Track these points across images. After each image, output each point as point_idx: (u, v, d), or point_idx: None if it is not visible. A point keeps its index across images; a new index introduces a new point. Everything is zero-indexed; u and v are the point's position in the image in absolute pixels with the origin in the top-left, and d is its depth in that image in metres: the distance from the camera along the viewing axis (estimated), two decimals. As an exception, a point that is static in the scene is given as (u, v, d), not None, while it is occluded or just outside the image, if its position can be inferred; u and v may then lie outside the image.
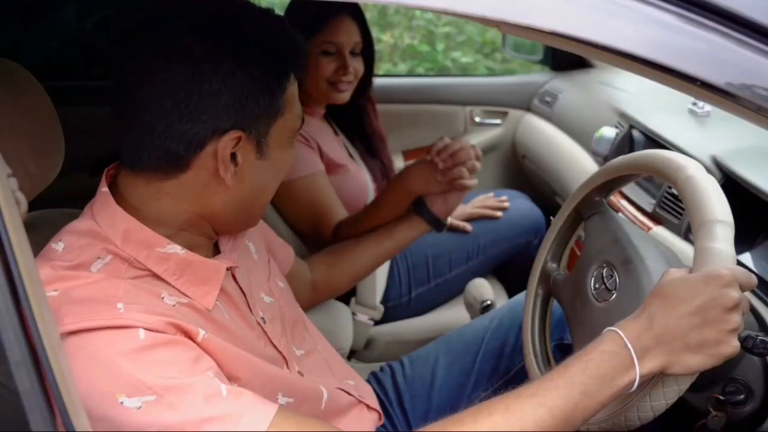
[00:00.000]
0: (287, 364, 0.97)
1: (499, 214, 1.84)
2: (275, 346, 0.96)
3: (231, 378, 0.80)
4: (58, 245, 0.81)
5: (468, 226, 1.81)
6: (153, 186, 0.82)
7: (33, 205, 0.87)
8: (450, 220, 1.74)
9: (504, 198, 1.92)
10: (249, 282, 0.96)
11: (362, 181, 1.71)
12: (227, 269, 0.89)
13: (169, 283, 0.82)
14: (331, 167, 1.62)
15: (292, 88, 0.86)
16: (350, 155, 1.75)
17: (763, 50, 0.67)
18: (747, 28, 0.67)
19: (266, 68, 0.81)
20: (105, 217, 0.82)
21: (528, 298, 1.13)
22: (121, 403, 0.69)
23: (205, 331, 0.78)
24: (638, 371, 0.74)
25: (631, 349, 0.75)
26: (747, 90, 0.68)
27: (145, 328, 0.73)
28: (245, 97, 0.79)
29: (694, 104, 1.63)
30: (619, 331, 0.76)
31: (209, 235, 0.89)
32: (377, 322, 1.68)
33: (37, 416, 0.56)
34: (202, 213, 0.84)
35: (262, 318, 0.95)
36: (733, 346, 0.75)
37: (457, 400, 1.21)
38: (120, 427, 0.70)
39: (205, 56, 0.77)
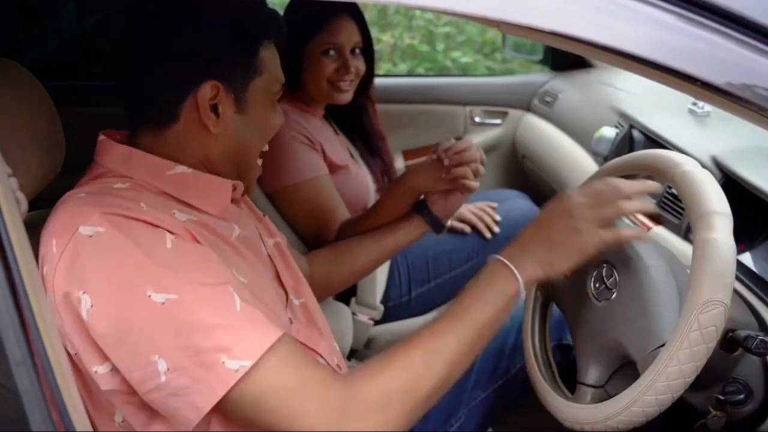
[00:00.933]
0: (287, 301, 1.02)
1: (488, 234, 1.80)
2: (281, 282, 1.03)
3: None
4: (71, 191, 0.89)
5: (467, 228, 1.80)
6: (158, 136, 0.92)
7: (33, 205, 0.87)
8: (450, 222, 1.74)
9: (496, 217, 1.86)
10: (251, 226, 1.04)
11: (363, 182, 1.71)
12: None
13: (179, 201, 0.90)
14: (333, 168, 1.62)
15: (267, 53, 0.95)
16: (351, 155, 1.75)
17: (763, 50, 0.67)
18: (747, 28, 0.67)
19: (240, 31, 0.92)
20: (110, 156, 0.91)
21: (527, 303, 1.13)
22: (149, 296, 0.76)
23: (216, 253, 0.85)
24: (519, 278, 0.89)
25: (508, 262, 0.91)
26: (747, 90, 0.68)
27: (169, 231, 0.81)
28: (221, 54, 0.91)
29: (694, 104, 1.63)
30: (496, 255, 0.93)
31: None
32: (377, 322, 1.68)
33: (37, 416, 0.56)
34: (201, 159, 0.94)
35: (268, 255, 1.03)
36: (593, 237, 0.90)
37: (456, 400, 1.21)
38: (144, 317, 0.76)
39: (183, 19, 0.89)
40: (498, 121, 2.47)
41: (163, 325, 0.76)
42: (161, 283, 0.77)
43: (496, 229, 1.81)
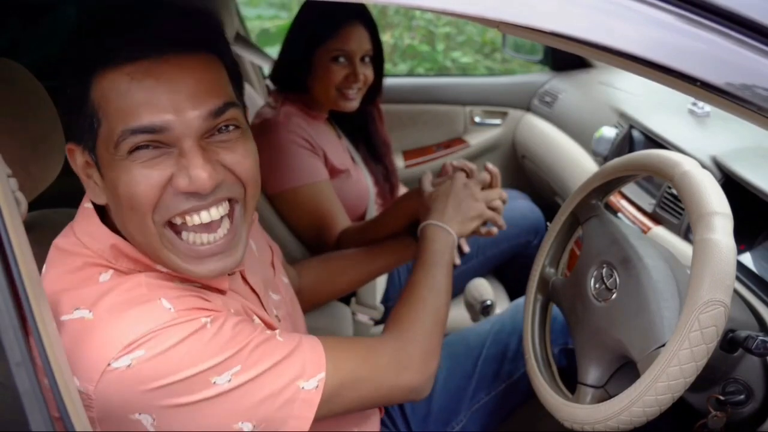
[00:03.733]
0: None
1: (494, 230, 1.78)
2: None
3: None
4: (43, 269, 0.80)
5: (466, 248, 1.75)
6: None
7: (33, 205, 0.87)
8: None
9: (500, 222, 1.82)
10: (258, 281, 0.96)
11: (363, 186, 1.71)
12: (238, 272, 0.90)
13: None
14: (334, 172, 1.62)
15: (101, 89, 0.72)
16: (352, 158, 1.75)
17: (763, 50, 0.67)
18: (747, 28, 0.67)
19: (70, 66, 0.75)
20: (88, 233, 0.80)
21: (527, 305, 1.13)
22: (214, 382, 0.74)
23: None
24: (452, 231, 1.14)
25: (440, 224, 1.14)
26: (747, 90, 0.68)
27: (202, 313, 0.76)
28: (64, 105, 0.76)
29: (694, 104, 1.63)
30: (427, 221, 1.15)
31: None
32: (377, 322, 1.68)
33: (37, 416, 0.56)
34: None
35: (276, 316, 0.97)
36: (479, 207, 1.19)
37: (458, 404, 1.21)
38: (216, 403, 0.74)
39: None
40: (498, 121, 2.47)
41: (236, 397, 0.76)
42: (219, 367, 0.74)
43: (495, 230, 1.78)
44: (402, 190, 1.92)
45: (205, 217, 0.76)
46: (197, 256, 0.77)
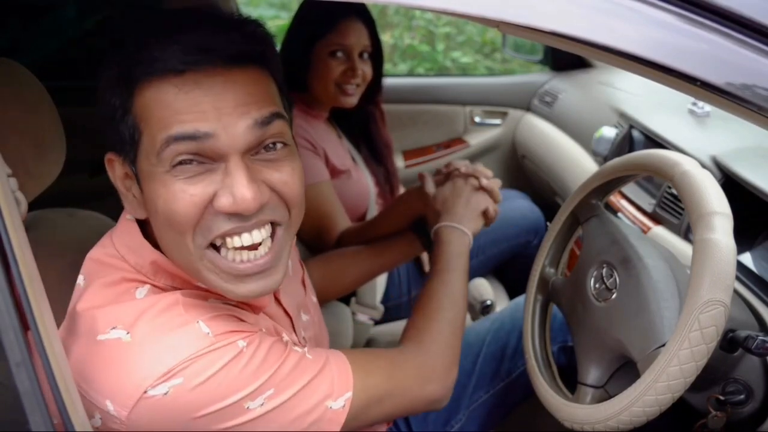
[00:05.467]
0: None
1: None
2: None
3: None
4: (80, 280, 0.80)
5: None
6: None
7: (33, 205, 0.87)
8: None
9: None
10: (292, 302, 0.96)
11: (364, 186, 1.71)
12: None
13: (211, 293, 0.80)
14: (335, 173, 1.62)
15: (143, 99, 0.70)
16: (353, 159, 1.75)
17: (763, 50, 0.67)
18: (747, 28, 0.67)
19: (114, 74, 0.72)
20: (128, 246, 0.79)
21: (527, 305, 1.13)
22: (248, 408, 0.74)
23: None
24: (468, 232, 1.14)
25: (456, 225, 1.14)
26: (747, 90, 0.68)
27: (239, 335, 0.75)
28: (105, 113, 0.73)
29: (694, 104, 1.63)
30: (443, 223, 1.14)
31: None
32: (377, 322, 1.68)
33: (37, 416, 0.56)
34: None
35: (303, 338, 0.97)
36: (482, 202, 1.19)
37: (458, 402, 1.21)
38: (250, 425, 0.74)
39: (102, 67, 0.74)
40: (498, 121, 2.47)
41: (268, 420, 0.76)
42: (254, 392, 0.74)
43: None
44: (402, 190, 1.92)
45: (246, 239, 0.73)
46: (238, 274, 0.74)
